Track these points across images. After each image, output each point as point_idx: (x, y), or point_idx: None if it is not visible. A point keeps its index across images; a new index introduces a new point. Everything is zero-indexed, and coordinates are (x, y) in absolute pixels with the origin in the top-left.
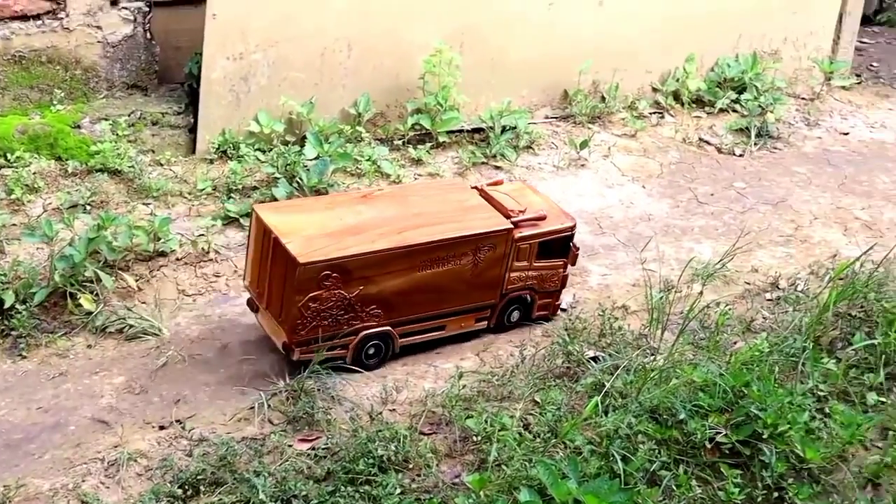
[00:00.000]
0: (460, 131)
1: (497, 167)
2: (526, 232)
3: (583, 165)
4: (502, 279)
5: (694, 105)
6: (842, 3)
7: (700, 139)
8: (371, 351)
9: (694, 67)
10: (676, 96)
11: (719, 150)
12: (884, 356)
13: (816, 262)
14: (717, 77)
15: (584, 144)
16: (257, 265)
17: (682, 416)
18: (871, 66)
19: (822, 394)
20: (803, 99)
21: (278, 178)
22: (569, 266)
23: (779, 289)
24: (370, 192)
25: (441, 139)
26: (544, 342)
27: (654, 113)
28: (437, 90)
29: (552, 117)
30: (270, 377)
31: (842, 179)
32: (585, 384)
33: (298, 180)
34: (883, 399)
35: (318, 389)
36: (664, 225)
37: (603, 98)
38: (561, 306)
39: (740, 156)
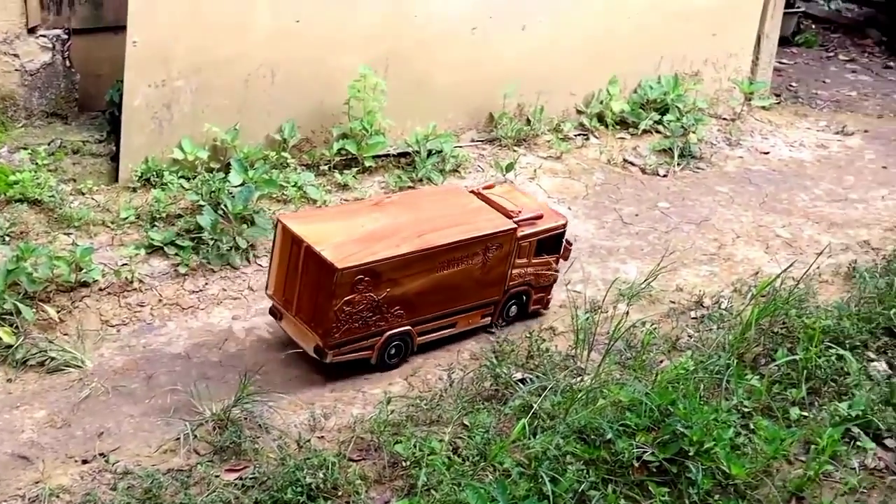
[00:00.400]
0: (386, 156)
1: None
2: (526, 230)
3: None
4: (506, 276)
5: (618, 126)
6: (759, 25)
7: (624, 160)
8: (392, 351)
9: (617, 89)
10: (601, 118)
11: (643, 171)
12: (805, 371)
13: (739, 279)
14: (640, 99)
15: (509, 167)
16: (283, 274)
17: (609, 436)
18: (790, 86)
19: (746, 410)
20: (724, 119)
21: (203, 206)
22: (560, 261)
23: (703, 307)
24: (381, 200)
25: (367, 164)
26: (472, 365)
27: (579, 135)
28: (362, 115)
29: (478, 140)
30: (197, 407)
31: (763, 198)
32: (514, 406)
33: (223, 207)
34: (805, 413)
35: (245, 418)
36: (590, 246)
37: (528, 121)
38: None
39: (664, 176)
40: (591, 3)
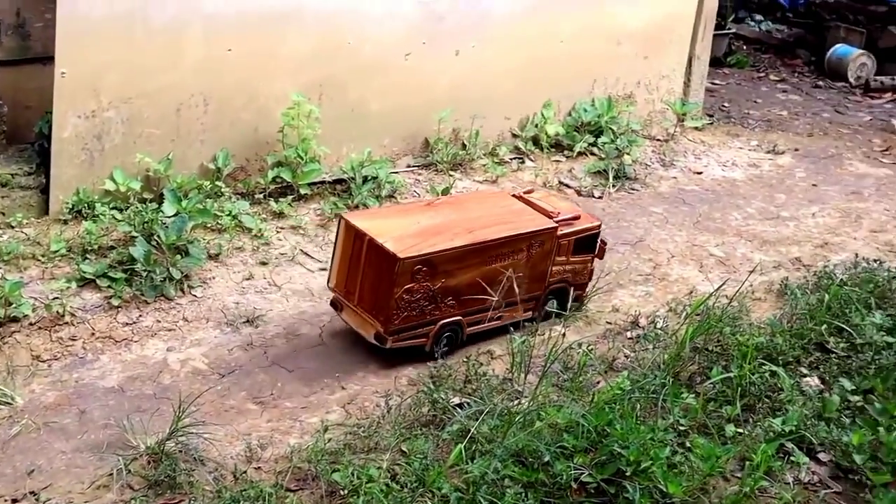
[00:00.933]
0: (322, 183)
1: None
2: (565, 230)
3: None
4: (548, 272)
5: (553, 149)
6: (691, 47)
7: (560, 182)
8: (444, 340)
9: (552, 113)
10: (536, 141)
11: (579, 193)
12: (739, 388)
13: (674, 299)
14: (574, 121)
15: (445, 192)
16: (345, 268)
17: (547, 459)
18: (723, 106)
19: (682, 428)
20: (658, 140)
21: (135, 237)
22: (595, 259)
23: (639, 327)
24: (432, 201)
25: (303, 191)
26: (410, 391)
27: (515, 158)
28: (297, 143)
29: (414, 166)
30: (131, 441)
31: (696, 217)
32: (452, 431)
33: (157, 238)
34: (740, 430)
35: (180, 451)
36: None
37: (464, 145)
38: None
39: (599, 197)
40: (523, 28)
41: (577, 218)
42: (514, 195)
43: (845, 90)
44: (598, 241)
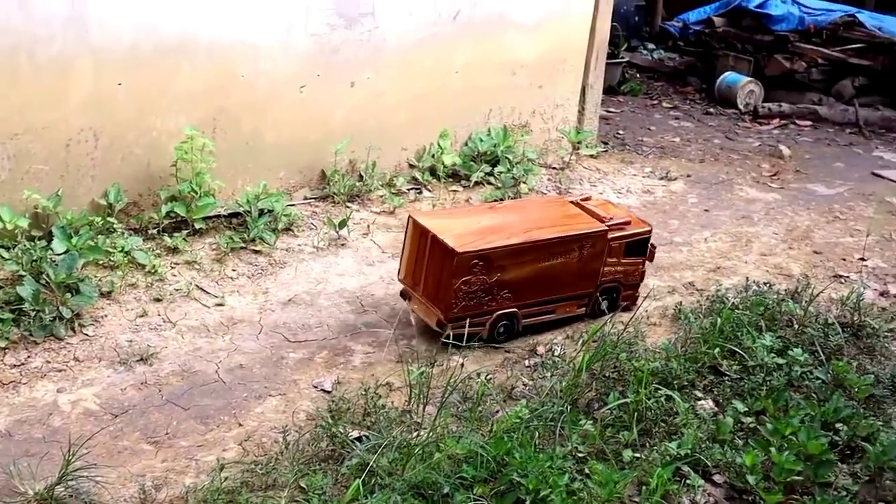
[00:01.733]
0: (217, 217)
1: (256, 251)
2: (617, 234)
3: (343, 245)
4: (599, 272)
5: (450, 179)
6: (584, 76)
7: None
8: (501, 329)
9: (448, 143)
10: (433, 171)
11: None
12: (636, 413)
13: (572, 326)
14: (470, 151)
15: (343, 224)
16: (413, 261)
17: (446, 490)
18: (618, 134)
19: (581, 455)
20: (554, 168)
21: (23, 276)
22: (646, 262)
23: (537, 355)
24: (494, 204)
25: (198, 226)
26: (308, 426)
27: (412, 189)
28: (191, 177)
29: (311, 198)
30: (18, 487)
31: None
32: (351, 466)
33: (46, 277)
34: (637, 455)
35: (71, 496)
36: None
37: (361, 176)
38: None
39: None
40: (418, 59)
41: (628, 223)
42: (571, 201)
43: (735, 116)
44: (649, 245)
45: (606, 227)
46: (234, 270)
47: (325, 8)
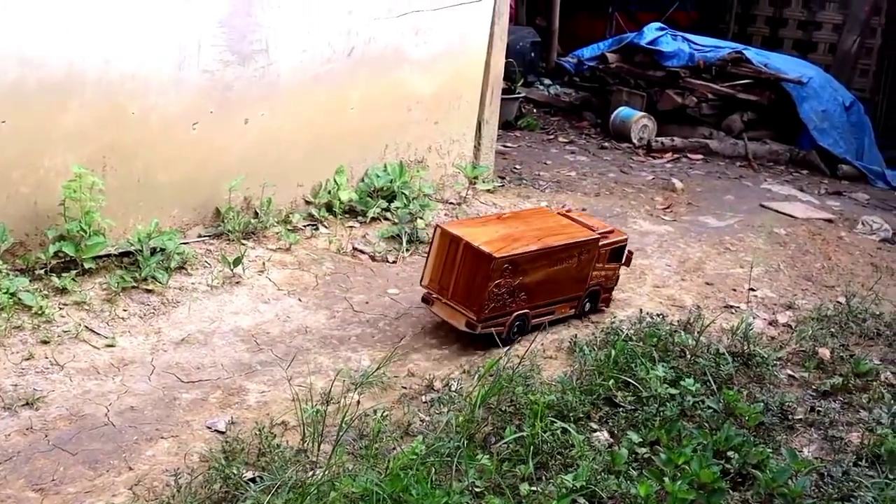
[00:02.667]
0: (107, 256)
1: (148, 290)
2: (604, 241)
3: (238, 282)
4: (589, 276)
5: (347, 215)
6: (479, 111)
7: (354, 248)
8: (515, 329)
9: (344, 179)
10: (329, 208)
11: (373, 258)
12: (532, 447)
13: (468, 361)
14: (367, 187)
15: (237, 261)
16: (440, 268)
17: None
18: (515, 168)
19: (478, 490)
20: (451, 203)
21: None
22: (622, 267)
23: (434, 390)
24: (501, 215)
25: (87, 265)
26: (201, 468)
27: (309, 225)
28: (80, 216)
29: (205, 236)
30: None
31: None
32: None
33: None
34: (534, 488)
35: None
36: (322, 336)
37: (256, 213)
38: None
39: (393, 262)
40: (313, 96)
41: (611, 232)
42: (558, 212)
43: (629, 151)
44: (626, 251)
45: (598, 235)
46: (125, 310)
47: (218, 44)
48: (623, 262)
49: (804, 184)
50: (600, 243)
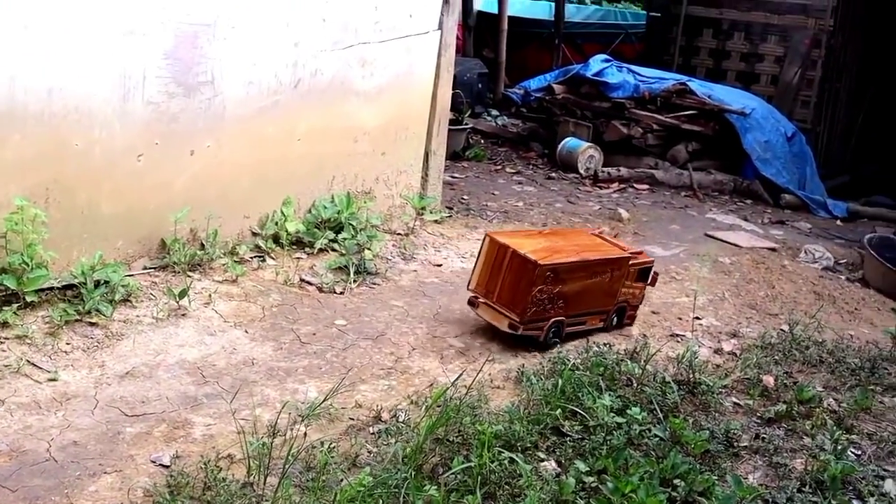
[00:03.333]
0: (51, 289)
1: (92, 323)
2: (634, 261)
3: (183, 315)
4: (618, 292)
5: (294, 246)
6: (426, 143)
7: (301, 280)
8: (551, 334)
9: (291, 210)
10: (276, 239)
11: (320, 290)
12: (480, 477)
13: (416, 391)
14: (314, 218)
15: (183, 293)
16: (488, 273)
17: None
18: (462, 199)
19: None
20: (398, 234)
21: None
22: (647, 287)
23: (382, 421)
24: (542, 230)
25: (29, 298)
26: (145, 503)
27: (255, 257)
28: (21, 248)
29: (150, 268)
30: None
31: (437, 309)
32: None
33: None
34: None
35: None
36: (268, 368)
37: (202, 245)
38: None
39: (341, 293)
40: (259, 127)
41: (639, 253)
42: (592, 233)
43: (576, 181)
44: (652, 272)
45: (629, 255)
46: (68, 344)
47: (163, 76)
48: (649, 282)
49: (748, 213)
50: (630, 262)
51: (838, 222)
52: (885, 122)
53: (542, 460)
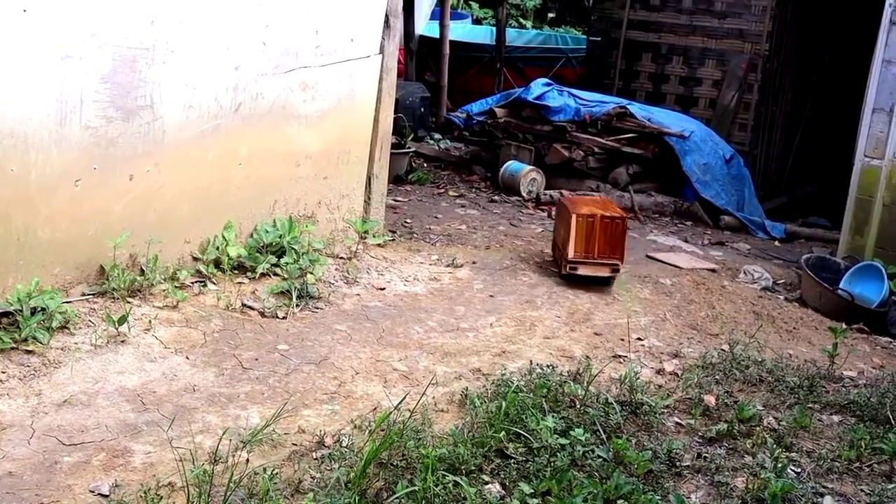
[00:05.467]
0: None
1: (29, 351)
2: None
3: (123, 341)
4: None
5: (236, 271)
6: (368, 167)
7: (243, 305)
8: None
9: (233, 234)
10: (217, 264)
11: (262, 315)
12: (424, 501)
13: (360, 416)
14: (256, 243)
15: (122, 320)
16: (582, 240)
17: None
18: (406, 222)
19: None
20: (341, 258)
21: None
22: None
23: (325, 446)
24: (571, 199)
25: None
26: None
27: (197, 282)
28: None
29: (89, 294)
30: None
31: (380, 333)
32: None
33: None
34: None
35: None
36: (210, 394)
37: (142, 271)
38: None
39: (283, 318)
40: (200, 151)
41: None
42: (592, 199)
43: (519, 204)
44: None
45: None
46: (3, 373)
47: (101, 100)
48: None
49: (688, 234)
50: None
51: (776, 243)
52: (821, 144)
53: (487, 483)
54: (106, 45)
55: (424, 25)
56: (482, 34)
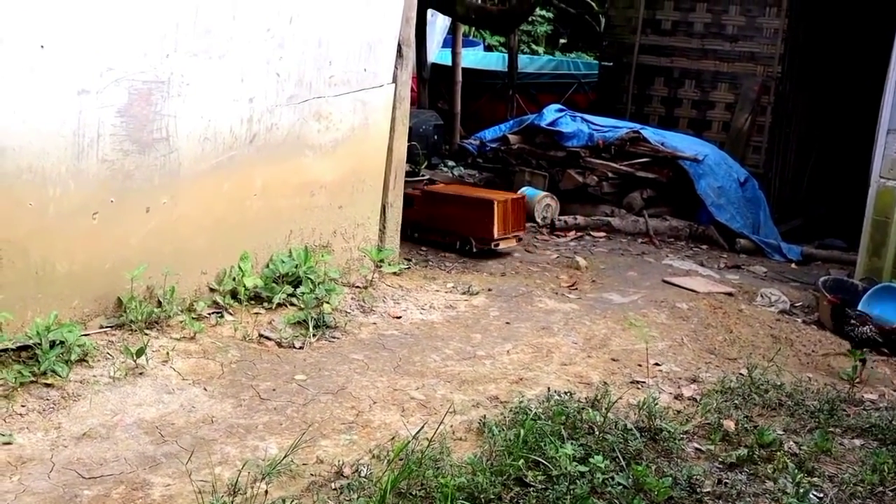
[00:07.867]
0: (5, 351)
1: (48, 384)
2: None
3: (141, 373)
4: None
5: (252, 302)
6: (383, 196)
7: (260, 335)
8: None
9: (249, 265)
10: (234, 295)
11: (279, 345)
12: None
13: (378, 445)
14: (272, 273)
15: (140, 352)
16: (502, 220)
17: None
18: (421, 250)
19: None
20: (357, 287)
21: None
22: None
23: (343, 476)
24: (451, 183)
25: None
26: None
27: (214, 313)
28: None
29: (107, 326)
30: None
31: (397, 362)
32: None
33: None
34: None
35: None
36: (228, 426)
37: (159, 302)
38: None
39: (300, 348)
40: (216, 183)
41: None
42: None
43: (533, 230)
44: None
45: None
46: (23, 406)
47: (118, 133)
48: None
49: (704, 258)
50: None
51: (793, 265)
52: (835, 165)
53: None
54: (122, 80)
55: (437, 53)
56: (494, 61)
